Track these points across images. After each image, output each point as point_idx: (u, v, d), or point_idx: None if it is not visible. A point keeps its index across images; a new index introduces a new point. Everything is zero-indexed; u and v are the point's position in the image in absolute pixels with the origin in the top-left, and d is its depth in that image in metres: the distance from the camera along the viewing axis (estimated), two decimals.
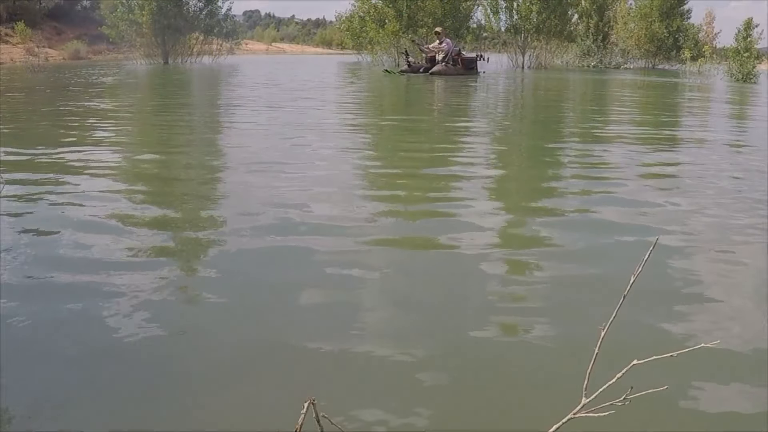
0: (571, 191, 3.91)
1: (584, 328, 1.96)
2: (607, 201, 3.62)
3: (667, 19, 28.39)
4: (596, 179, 4.27)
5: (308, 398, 0.94)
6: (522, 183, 4.34)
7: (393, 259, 2.60)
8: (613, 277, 2.42)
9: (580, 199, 3.70)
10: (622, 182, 4.12)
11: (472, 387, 1.69)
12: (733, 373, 1.76)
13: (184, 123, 7.31)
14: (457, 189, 3.90)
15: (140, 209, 3.33)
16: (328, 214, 3.23)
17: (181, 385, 1.68)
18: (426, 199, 3.66)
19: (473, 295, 2.26)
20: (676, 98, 12.63)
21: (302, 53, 55.14)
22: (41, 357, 1.80)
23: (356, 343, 1.89)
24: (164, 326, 1.99)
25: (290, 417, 1.19)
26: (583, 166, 4.85)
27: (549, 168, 4.85)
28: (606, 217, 3.28)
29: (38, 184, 3.85)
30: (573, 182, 4.17)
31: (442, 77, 16.10)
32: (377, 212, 3.30)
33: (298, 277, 2.38)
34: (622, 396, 0.99)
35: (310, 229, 2.96)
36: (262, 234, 2.87)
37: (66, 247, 2.69)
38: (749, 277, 2.47)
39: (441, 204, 3.55)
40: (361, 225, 3.04)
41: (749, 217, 3.29)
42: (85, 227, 2.96)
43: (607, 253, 2.74)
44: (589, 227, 3.13)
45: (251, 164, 4.46)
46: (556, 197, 3.80)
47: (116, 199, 3.49)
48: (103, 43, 28.55)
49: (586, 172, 4.54)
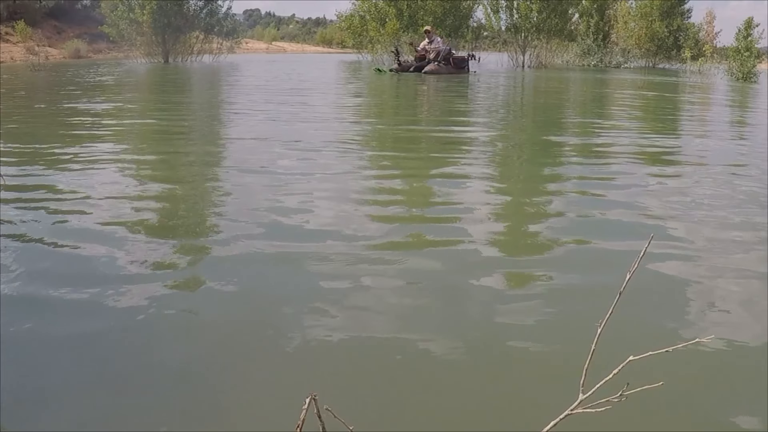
0: (571, 191, 3.92)
1: (580, 325, 1.98)
2: (608, 201, 3.63)
3: (668, 19, 28.36)
4: (597, 179, 4.28)
5: (310, 393, 0.95)
6: (522, 183, 4.35)
7: (393, 260, 2.60)
8: (611, 275, 2.43)
9: (580, 200, 3.71)
10: (622, 183, 4.13)
11: (471, 385, 1.70)
12: (731, 370, 1.77)
13: (185, 122, 7.31)
14: (457, 187, 3.91)
15: (140, 209, 3.34)
16: (328, 214, 3.24)
17: (180, 385, 1.69)
18: (426, 199, 3.67)
19: (473, 296, 2.27)
20: (676, 98, 12.63)
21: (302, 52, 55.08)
22: (40, 361, 1.82)
23: (356, 343, 1.91)
24: (164, 326, 2.01)
25: (290, 416, 1.20)
26: (584, 168, 4.86)
27: (549, 168, 4.85)
28: (607, 218, 3.29)
29: (38, 183, 3.86)
30: (573, 182, 4.18)
31: (434, 76, 16.11)
32: (377, 213, 3.31)
33: (299, 278, 2.39)
34: (619, 392, 1.00)
35: (311, 229, 2.97)
36: (262, 234, 2.88)
37: (65, 247, 2.70)
38: (747, 274, 2.48)
39: (441, 203, 3.56)
40: (362, 226, 3.05)
41: (750, 217, 3.30)
42: (85, 227, 2.97)
43: (606, 252, 2.75)
44: (589, 228, 3.14)
45: (250, 164, 4.47)
46: (557, 197, 3.80)
47: (116, 199, 3.50)
48: (103, 41, 28.53)
49: (586, 173, 4.55)
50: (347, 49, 35.96)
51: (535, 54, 24.21)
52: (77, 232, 2.90)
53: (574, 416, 1.02)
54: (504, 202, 3.73)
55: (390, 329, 1.99)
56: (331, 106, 9.26)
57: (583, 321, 2.03)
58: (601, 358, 1.09)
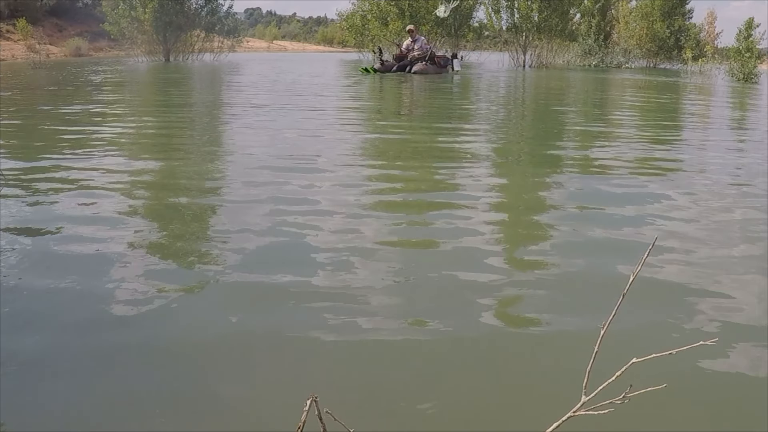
0: (572, 190, 3.92)
1: (584, 326, 1.97)
2: (608, 200, 3.63)
3: (669, 19, 28.35)
4: (597, 177, 4.27)
5: (310, 395, 0.94)
6: (523, 184, 4.34)
7: (394, 261, 2.60)
8: (614, 275, 2.43)
9: (580, 197, 3.71)
10: (622, 181, 4.12)
11: (472, 385, 1.69)
12: (735, 373, 1.76)
13: (184, 121, 7.31)
14: (456, 185, 3.91)
15: (140, 208, 3.33)
16: (328, 214, 3.23)
17: (180, 385, 1.69)
18: (426, 197, 3.66)
19: (473, 296, 2.27)
20: (677, 97, 12.62)
21: (303, 51, 55.09)
22: (40, 361, 1.81)
23: (356, 343, 1.90)
24: (164, 327, 2.00)
25: (291, 417, 1.20)
26: (585, 166, 4.85)
27: (550, 168, 4.85)
28: (607, 219, 3.28)
29: (38, 182, 3.86)
30: (574, 182, 4.18)
31: (421, 75, 16.15)
32: (378, 214, 3.31)
33: (299, 278, 2.39)
34: (622, 394, 0.99)
35: (311, 229, 2.96)
36: (262, 234, 2.87)
37: (64, 249, 2.70)
38: (752, 278, 2.47)
39: (441, 203, 3.55)
40: (362, 227, 3.05)
41: (754, 221, 3.29)
42: (85, 226, 2.97)
43: (608, 252, 2.75)
44: (590, 226, 3.13)
45: (249, 163, 4.46)
46: (556, 198, 3.80)
47: (117, 199, 3.50)
48: (104, 40, 28.55)
49: (587, 173, 4.54)
50: (348, 48, 35.95)
51: (536, 54, 24.19)
52: (78, 230, 2.89)
53: (577, 418, 1.01)
54: (505, 203, 3.73)
55: (390, 330, 1.98)
56: (329, 109, 9.24)
57: (586, 322, 2.02)
58: (604, 360, 1.09)
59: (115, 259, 2.52)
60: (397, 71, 16.87)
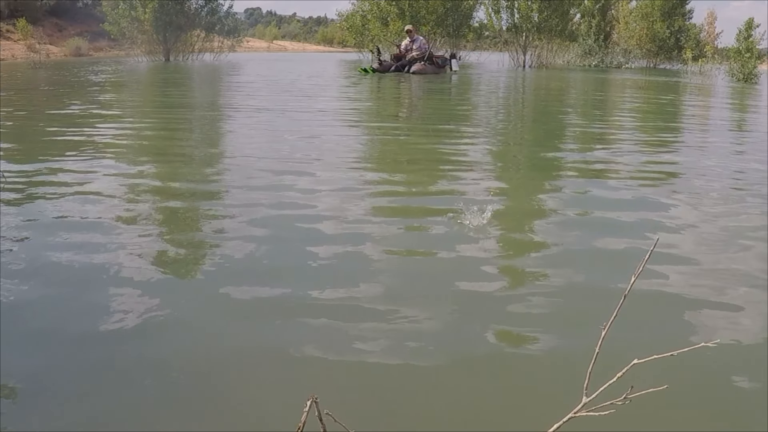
0: (573, 195, 3.92)
1: (585, 327, 1.97)
2: (608, 203, 3.63)
3: (669, 19, 28.35)
4: (598, 180, 4.27)
5: (310, 396, 0.94)
6: (523, 188, 4.34)
7: (393, 266, 2.60)
8: (615, 277, 2.43)
9: (581, 202, 3.71)
10: (622, 183, 4.12)
11: (473, 387, 1.69)
12: (736, 374, 1.76)
13: (183, 122, 7.31)
14: (455, 191, 3.90)
15: (138, 214, 3.33)
16: (327, 214, 3.23)
17: (180, 386, 1.68)
18: (425, 202, 3.66)
19: (474, 299, 2.27)
20: (677, 98, 12.62)
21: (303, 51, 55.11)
22: (39, 361, 1.81)
23: (356, 344, 1.90)
24: (164, 327, 2.00)
25: (291, 417, 1.20)
26: (585, 169, 4.85)
27: (551, 172, 4.84)
28: (608, 219, 3.28)
29: (39, 182, 3.85)
30: (574, 187, 4.18)
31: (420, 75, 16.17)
32: (378, 215, 3.31)
33: (299, 283, 2.38)
34: (623, 395, 0.99)
35: (310, 230, 2.96)
36: (261, 241, 2.86)
37: (66, 246, 2.70)
38: (753, 280, 2.47)
39: (440, 209, 3.55)
40: (362, 233, 3.04)
41: (755, 223, 3.28)
42: (86, 226, 2.97)
43: (609, 254, 2.75)
44: (590, 229, 3.13)
45: (249, 166, 4.46)
46: (557, 203, 3.79)
47: (117, 198, 3.50)
48: (104, 39, 28.55)
49: (587, 177, 4.54)
50: (348, 48, 35.95)
51: (536, 54, 24.19)
52: (78, 230, 2.89)
53: (578, 419, 1.01)
54: (505, 203, 3.72)
55: (390, 331, 1.98)
56: (328, 108, 9.24)
57: (587, 324, 2.02)
58: (605, 361, 1.09)
59: (112, 267, 2.51)
60: (395, 71, 16.88)
